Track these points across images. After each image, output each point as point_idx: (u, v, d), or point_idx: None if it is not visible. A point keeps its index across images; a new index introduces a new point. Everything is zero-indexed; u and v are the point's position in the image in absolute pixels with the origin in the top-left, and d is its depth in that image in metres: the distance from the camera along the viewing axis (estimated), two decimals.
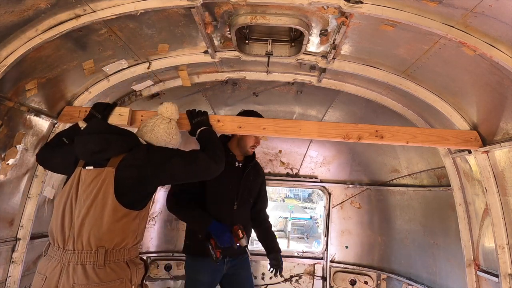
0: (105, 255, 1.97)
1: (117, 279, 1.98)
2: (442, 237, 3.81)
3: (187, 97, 3.96)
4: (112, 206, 2.01)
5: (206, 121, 2.69)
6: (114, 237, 2.01)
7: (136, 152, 2.17)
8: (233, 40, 2.66)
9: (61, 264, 1.95)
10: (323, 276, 5.36)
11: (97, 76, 2.91)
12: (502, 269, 2.58)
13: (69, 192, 2.08)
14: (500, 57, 2.02)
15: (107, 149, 2.12)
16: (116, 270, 2.00)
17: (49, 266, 1.97)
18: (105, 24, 2.33)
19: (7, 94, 2.30)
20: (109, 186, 2.03)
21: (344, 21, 2.26)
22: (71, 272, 1.92)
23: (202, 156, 2.28)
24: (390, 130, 2.80)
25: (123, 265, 2.05)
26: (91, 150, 2.11)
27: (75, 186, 2.08)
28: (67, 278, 1.91)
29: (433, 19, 2.04)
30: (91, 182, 2.05)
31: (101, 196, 2.02)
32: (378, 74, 2.94)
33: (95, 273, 1.93)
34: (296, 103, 4.31)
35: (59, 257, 1.97)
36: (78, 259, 1.95)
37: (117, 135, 2.20)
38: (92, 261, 1.94)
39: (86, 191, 2.04)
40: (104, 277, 1.94)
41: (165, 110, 2.49)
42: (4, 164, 2.48)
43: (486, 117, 2.63)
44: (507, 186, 2.56)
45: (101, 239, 1.98)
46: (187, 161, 2.22)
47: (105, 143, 2.12)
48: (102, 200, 2.01)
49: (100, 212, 2.00)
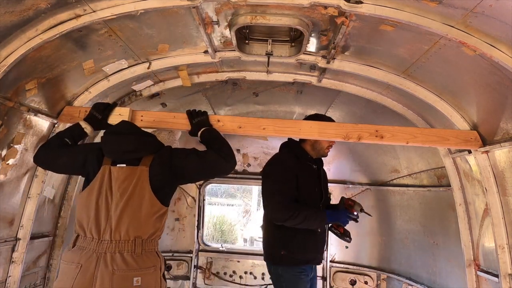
0: (141, 245, 2.14)
1: (151, 267, 2.15)
2: (442, 237, 3.81)
3: (187, 97, 3.96)
4: (150, 201, 2.20)
5: (207, 121, 2.70)
6: (149, 229, 2.20)
7: (162, 152, 2.35)
8: (233, 40, 2.66)
9: (97, 253, 2.08)
10: (323, 276, 5.36)
11: (97, 76, 2.91)
12: (502, 269, 2.58)
13: (101, 188, 2.21)
14: (500, 57, 2.02)
15: (141, 149, 2.30)
16: (151, 258, 2.18)
17: (83, 255, 2.08)
18: (105, 24, 2.33)
19: (7, 94, 2.30)
20: (145, 183, 2.21)
21: (344, 21, 2.26)
22: (109, 260, 2.06)
23: (211, 154, 2.37)
24: (390, 130, 2.80)
25: (154, 255, 2.22)
26: (125, 149, 2.27)
27: (107, 182, 2.22)
28: (105, 266, 2.04)
29: (433, 19, 2.04)
30: (125, 179, 2.21)
31: (138, 191, 2.19)
32: (378, 74, 2.94)
33: (134, 260, 2.10)
34: (296, 103, 4.31)
35: (94, 247, 2.10)
36: (116, 248, 2.10)
37: (148, 136, 2.41)
38: (130, 250, 2.11)
39: (122, 186, 2.19)
40: (141, 264, 2.12)
41: None
42: (4, 164, 2.48)
43: (486, 117, 2.63)
44: (507, 186, 2.56)
45: (139, 230, 2.16)
46: (200, 160, 2.35)
47: (139, 144, 2.31)
48: (139, 195, 2.19)
49: (138, 206, 2.18)
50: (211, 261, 5.58)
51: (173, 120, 2.78)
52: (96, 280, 2.02)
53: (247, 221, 21.37)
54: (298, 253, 2.90)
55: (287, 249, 2.90)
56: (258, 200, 24.09)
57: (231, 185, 19.52)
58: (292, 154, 3.03)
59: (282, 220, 2.81)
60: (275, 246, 2.97)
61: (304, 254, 2.93)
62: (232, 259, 5.58)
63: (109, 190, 2.21)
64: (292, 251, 2.90)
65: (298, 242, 2.90)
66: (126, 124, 2.48)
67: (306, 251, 2.94)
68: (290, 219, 2.77)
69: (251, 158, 5.63)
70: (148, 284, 2.12)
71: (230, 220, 18.56)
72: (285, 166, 2.95)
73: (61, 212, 3.32)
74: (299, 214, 2.77)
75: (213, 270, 5.56)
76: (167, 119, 2.80)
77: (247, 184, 7.31)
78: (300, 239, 2.91)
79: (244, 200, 24.05)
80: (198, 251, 5.53)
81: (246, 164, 5.63)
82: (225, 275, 5.55)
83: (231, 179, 5.77)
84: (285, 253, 2.91)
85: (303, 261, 2.94)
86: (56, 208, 3.28)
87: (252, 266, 5.55)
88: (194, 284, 5.47)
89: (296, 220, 2.78)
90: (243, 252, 5.74)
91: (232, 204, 24.36)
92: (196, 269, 5.50)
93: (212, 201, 21.35)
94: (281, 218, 2.81)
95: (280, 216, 2.82)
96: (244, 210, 23.07)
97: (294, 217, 2.76)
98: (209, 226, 15.44)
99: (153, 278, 2.16)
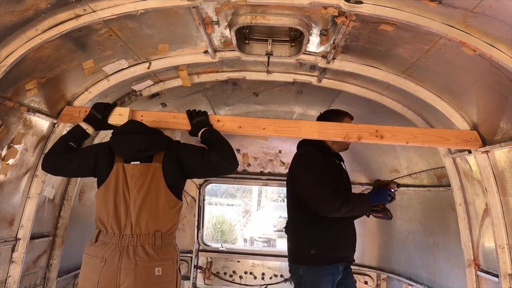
0: (161, 238, 2.29)
1: (170, 258, 2.31)
2: (442, 237, 3.81)
3: (187, 97, 3.96)
4: (166, 196, 2.34)
5: (207, 121, 2.70)
6: (167, 223, 2.34)
7: (172, 148, 2.46)
8: (233, 40, 2.65)
9: (119, 247, 2.22)
10: None
11: (97, 76, 2.91)
12: (502, 269, 2.58)
13: (117, 185, 2.33)
14: (500, 57, 2.02)
15: (152, 147, 2.40)
16: (170, 251, 2.33)
17: (106, 250, 2.23)
18: (105, 24, 2.33)
19: (7, 94, 2.30)
20: (160, 179, 2.34)
21: (344, 21, 2.26)
22: (132, 253, 2.21)
23: (212, 155, 2.42)
24: (390, 130, 2.80)
25: (173, 247, 2.37)
26: (138, 148, 2.37)
27: (123, 180, 2.33)
28: (128, 258, 2.19)
29: (433, 19, 2.04)
30: (140, 175, 2.33)
31: (153, 187, 2.32)
32: (378, 74, 2.94)
33: (155, 252, 2.25)
34: (296, 103, 4.31)
35: (117, 241, 2.24)
36: (137, 241, 2.25)
37: (158, 134, 2.51)
38: (151, 243, 2.26)
39: (138, 183, 2.32)
40: (162, 255, 2.27)
41: None
42: (4, 164, 2.48)
43: (486, 117, 2.63)
44: (507, 186, 2.56)
45: (158, 224, 2.30)
46: (203, 160, 2.43)
47: (151, 142, 2.40)
48: (155, 191, 2.32)
49: (155, 202, 2.32)
50: (211, 261, 5.59)
51: (173, 120, 2.78)
52: (121, 271, 2.16)
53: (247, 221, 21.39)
54: (329, 251, 2.84)
55: (318, 247, 2.83)
56: (258, 200, 24.12)
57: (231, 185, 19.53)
58: (318, 149, 2.97)
59: (335, 209, 2.71)
60: (305, 246, 2.89)
61: (336, 251, 2.86)
62: (232, 259, 5.58)
63: (125, 187, 2.32)
64: (323, 249, 2.83)
65: (329, 239, 2.84)
66: (135, 123, 2.57)
67: (338, 248, 2.88)
68: (343, 206, 2.69)
69: (251, 158, 5.63)
70: (167, 274, 2.26)
71: (230, 220, 18.57)
72: (316, 160, 2.89)
73: (61, 212, 3.32)
74: (349, 200, 2.73)
75: (213, 270, 5.56)
76: (167, 119, 2.80)
77: (247, 184, 7.31)
78: (331, 236, 2.85)
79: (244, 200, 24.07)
80: (198, 251, 5.53)
81: (246, 164, 5.63)
82: (225, 275, 5.55)
83: (231, 179, 5.76)
84: (315, 252, 2.83)
85: (334, 259, 2.87)
86: (56, 208, 3.28)
87: (252, 266, 5.55)
88: (194, 284, 5.47)
89: (348, 206, 2.71)
90: (243, 252, 5.74)
91: (232, 204, 24.39)
92: (196, 269, 5.50)
93: (212, 201, 21.37)
94: (334, 208, 2.71)
95: (332, 207, 2.72)
96: (244, 210, 23.09)
97: (346, 203, 2.70)
98: (209, 226, 15.43)
99: (172, 269, 2.30)
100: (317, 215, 2.83)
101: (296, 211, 3.03)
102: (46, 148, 2.83)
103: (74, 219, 3.57)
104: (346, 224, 2.95)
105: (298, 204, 2.95)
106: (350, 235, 2.99)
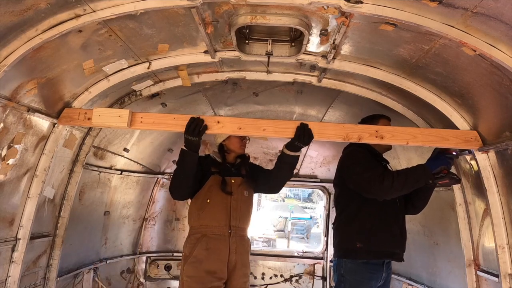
0: None
1: None
2: (442, 237, 3.81)
3: (187, 97, 3.96)
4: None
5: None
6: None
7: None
8: (233, 40, 2.65)
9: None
10: (323, 276, 5.37)
11: (97, 76, 2.91)
12: (502, 269, 2.58)
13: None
14: (500, 57, 2.02)
15: None
16: None
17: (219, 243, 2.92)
18: (105, 24, 2.33)
19: (7, 94, 2.30)
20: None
21: (344, 21, 2.26)
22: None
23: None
24: (390, 130, 2.80)
25: None
26: None
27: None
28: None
29: (433, 19, 2.04)
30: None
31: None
32: (378, 74, 2.94)
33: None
34: (296, 103, 4.31)
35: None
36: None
37: None
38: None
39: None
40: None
41: None
42: (4, 164, 2.48)
43: (486, 117, 2.63)
44: (507, 186, 2.56)
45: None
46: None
47: None
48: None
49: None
50: None
51: (173, 122, 2.76)
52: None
53: None
54: (375, 245, 2.84)
55: (364, 240, 2.84)
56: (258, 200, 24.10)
57: None
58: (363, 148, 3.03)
59: (388, 187, 2.68)
60: (351, 239, 2.91)
61: (382, 246, 2.86)
62: None
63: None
64: (369, 242, 2.83)
65: (375, 233, 2.85)
66: None
67: (384, 243, 2.87)
68: (395, 181, 2.67)
69: (251, 158, 5.60)
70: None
71: None
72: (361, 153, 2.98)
73: (61, 212, 3.32)
74: (399, 174, 2.71)
75: None
76: (167, 120, 2.78)
77: None
78: (377, 230, 2.85)
79: None
80: None
81: None
82: None
83: None
84: (361, 245, 2.84)
85: (381, 254, 2.87)
86: (56, 208, 3.28)
87: (252, 266, 5.55)
88: None
89: (401, 181, 2.68)
90: None
91: None
92: None
93: None
94: (386, 187, 2.68)
95: (383, 186, 2.69)
96: None
97: (397, 177, 2.69)
98: None
99: None
100: (363, 209, 2.87)
101: (343, 205, 3.09)
102: (46, 148, 2.83)
103: (74, 219, 3.58)
104: (394, 219, 2.95)
105: (346, 199, 3.02)
106: (398, 231, 2.97)
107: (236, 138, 3.16)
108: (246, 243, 3.09)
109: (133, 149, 4.51)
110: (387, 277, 3.02)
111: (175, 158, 5.46)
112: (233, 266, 2.94)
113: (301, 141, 2.73)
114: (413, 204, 3.12)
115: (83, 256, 4.10)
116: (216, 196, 2.97)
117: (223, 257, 2.91)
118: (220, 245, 2.92)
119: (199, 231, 2.96)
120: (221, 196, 2.97)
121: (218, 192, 2.97)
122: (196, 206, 3.01)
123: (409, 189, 2.79)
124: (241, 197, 3.05)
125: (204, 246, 2.89)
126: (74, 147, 3.26)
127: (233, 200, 2.99)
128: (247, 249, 3.10)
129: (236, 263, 2.95)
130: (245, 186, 3.10)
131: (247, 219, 3.10)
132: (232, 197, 3.00)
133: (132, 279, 5.27)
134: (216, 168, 3.08)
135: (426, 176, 2.75)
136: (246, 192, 3.11)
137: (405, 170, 2.81)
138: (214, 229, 2.94)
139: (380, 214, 2.89)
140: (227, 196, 2.98)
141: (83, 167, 3.45)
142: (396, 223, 2.98)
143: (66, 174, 3.30)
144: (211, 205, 2.96)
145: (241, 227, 3.03)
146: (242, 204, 3.04)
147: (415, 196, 3.06)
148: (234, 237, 2.96)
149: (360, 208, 2.90)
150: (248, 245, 3.12)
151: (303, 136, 2.72)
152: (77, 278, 3.95)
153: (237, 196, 3.03)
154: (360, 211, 2.91)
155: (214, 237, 2.92)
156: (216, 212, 2.96)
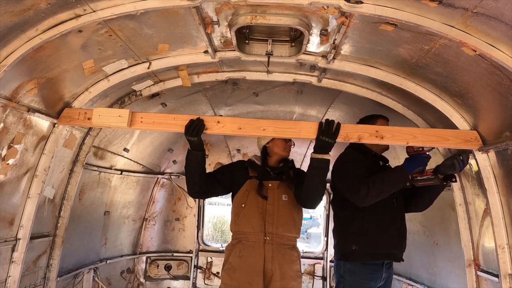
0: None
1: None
2: (442, 237, 3.81)
3: (187, 97, 3.96)
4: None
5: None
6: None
7: None
8: (233, 40, 2.65)
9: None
10: (323, 276, 5.36)
11: (97, 76, 2.91)
12: (502, 269, 2.58)
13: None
14: (500, 57, 2.02)
15: None
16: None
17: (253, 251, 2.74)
18: (105, 24, 2.33)
19: (7, 94, 2.30)
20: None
21: (344, 21, 2.26)
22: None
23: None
24: (390, 130, 2.80)
25: None
26: None
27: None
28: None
29: (433, 19, 2.04)
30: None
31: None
32: (378, 74, 2.94)
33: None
34: (296, 103, 4.31)
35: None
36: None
37: None
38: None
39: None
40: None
41: None
42: (4, 164, 2.48)
43: (486, 117, 2.63)
44: (507, 186, 2.56)
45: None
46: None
47: None
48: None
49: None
50: (211, 261, 5.59)
51: (173, 122, 2.76)
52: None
53: None
54: (370, 247, 2.84)
55: (360, 243, 2.84)
56: None
57: None
58: (355, 151, 3.02)
59: (364, 195, 2.70)
60: (347, 241, 2.91)
61: (377, 248, 2.86)
62: None
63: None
64: (364, 245, 2.84)
65: (370, 235, 2.84)
66: None
67: (380, 244, 2.87)
68: (370, 189, 2.68)
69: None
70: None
71: None
72: (348, 157, 2.99)
73: (61, 212, 3.32)
74: (375, 180, 2.71)
75: (213, 270, 5.56)
76: (167, 120, 2.78)
77: None
78: (372, 232, 2.85)
79: None
80: (198, 251, 5.53)
81: None
82: None
83: None
84: (357, 248, 2.84)
85: (377, 255, 2.87)
86: (56, 208, 3.28)
87: None
88: (194, 284, 5.47)
89: (377, 187, 2.69)
90: None
91: None
92: (196, 269, 5.50)
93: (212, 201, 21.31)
94: (362, 195, 2.71)
95: (360, 194, 2.71)
96: None
97: (372, 184, 2.69)
98: (209, 226, 15.42)
99: None
100: (358, 211, 2.85)
101: (339, 208, 3.10)
102: (46, 148, 2.83)
103: (74, 219, 3.58)
104: (391, 220, 2.94)
105: (341, 201, 3.01)
106: (395, 232, 2.96)
107: (280, 141, 2.98)
108: (287, 252, 2.80)
109: (133, 149, 4.51)
110: (388, 277, 3.01)
111: (175, 158, 5.46)
112: (270, 278, 2.71)
113: (326, 135, 2.61)
114: (415, 203, 3.12)
115: (83, 256, 4.11)
116: (251, 201, 2.82)
117: (257, 267, 2.69)
118: (254, 253, 2.73)
119: (235, 237, 2.87)
120: (257, 201, 2.81)
121: (254, 197, 2.83)
122: (233, 211, 2.90)
123: (388, 193, 2.80)
124: (278, 202, 2.83)
125: (238, 254, 2.77)
126: (74, 147, 3.26)
127: (268, 205, 2.80)
128: (290, 259, 2.80)
129: (273, 274, 2.71)
130: (283, 190, 2.88)
131: (288, 226, 2.82)
132: (268, 202, 2.81)
133: (132, 279, 5.27)
134: (255, 172, 2.95)
135: (404, 179, 2.79)
136: (285, 196, 2.87)
137: (382, 175, 2.79)
138: (249, 236, 2.78)
139: (376, 216, 2.88)
140: (263, 201, 2.81)
141: (83, 167, 3.45)
142: (393, 223, 2.97)
143: (66, 174, 3.30)
144: (246, 210, 2.82)
145: (281, 234, 2.77)
146: (280, 209, 2.81)
147: (417, 195, 3.06)
148: (270, 244, 2.74)
149: (355, 211, 2.89)
150: (291, 255, 2.81)
151: (328, 130, 2.60)
152: (77, 278, 3.96)
153: (273, 200, 2.82)
154: (356, 213, 2.90)
155: (248, 244, 2.77)
156: (251, 218, 2.79)
